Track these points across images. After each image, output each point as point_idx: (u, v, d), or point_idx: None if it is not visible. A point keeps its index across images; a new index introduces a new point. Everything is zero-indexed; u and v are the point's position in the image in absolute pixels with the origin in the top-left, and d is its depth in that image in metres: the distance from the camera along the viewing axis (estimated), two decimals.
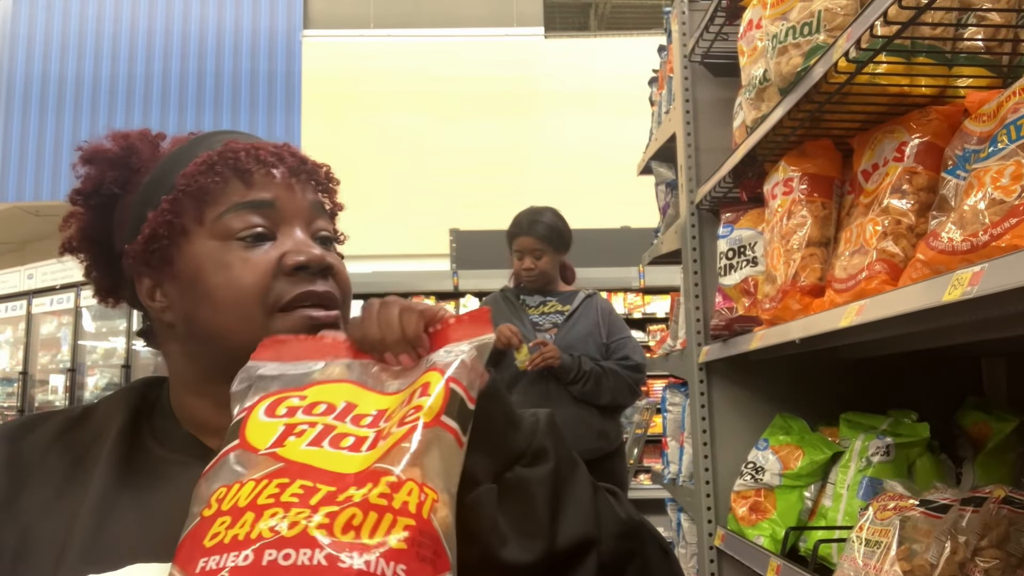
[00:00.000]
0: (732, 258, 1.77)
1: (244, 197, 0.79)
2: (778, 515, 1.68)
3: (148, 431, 0.80)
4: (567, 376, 2.76)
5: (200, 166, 0.78)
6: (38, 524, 0.71)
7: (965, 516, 1.20)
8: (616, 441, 2.93)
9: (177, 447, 0.78)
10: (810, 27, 1.31)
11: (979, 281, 0.82)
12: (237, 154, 0.79)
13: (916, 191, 1.23)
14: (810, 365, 1.89)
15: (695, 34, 2.02)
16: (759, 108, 1.58)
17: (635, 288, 6.73)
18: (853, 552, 1.31)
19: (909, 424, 1.55)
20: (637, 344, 2.98)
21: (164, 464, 0.76)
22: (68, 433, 0.78)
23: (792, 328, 1.40)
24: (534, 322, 2.91)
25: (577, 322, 2.89)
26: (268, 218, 0.79)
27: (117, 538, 0.69)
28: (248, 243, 0.78)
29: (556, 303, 2.96)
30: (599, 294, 3.04)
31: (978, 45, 1.22)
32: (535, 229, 2.89)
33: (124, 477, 0.74)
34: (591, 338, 2.87)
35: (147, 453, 0.77)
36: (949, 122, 1.23)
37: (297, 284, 0.77)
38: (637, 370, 2.88)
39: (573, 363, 2.76)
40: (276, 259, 0.77)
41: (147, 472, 0.75)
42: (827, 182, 1.46)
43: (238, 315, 0.76)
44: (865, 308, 1.09)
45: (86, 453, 0.76)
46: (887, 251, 1.21)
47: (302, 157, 0.84)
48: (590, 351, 2.84)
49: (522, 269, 2.93)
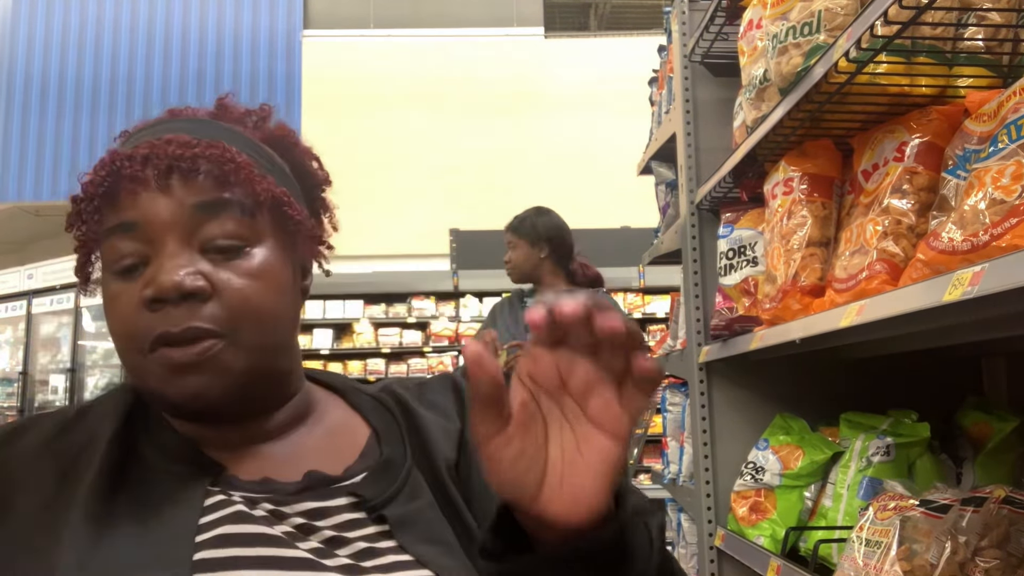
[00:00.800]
0: (732, 258, 1.78)
1: (111, 220, 0.70)
2: (778, 515, 1.68)
3: (143, 435, 0.73)
4: None
5: (88, 181, 0.70)
6: (28, 538, 0.65)
7: (965, 516, 1.20)
8: None
9: (174, 455, 0.72)
10: (810, 27, 1.32)
11: (979, 281, 0.82)
12: (113, 164, 0.69)
13: (916, 191, 1.23)
14: (810, 365, 1.89)
15: (695, 34, 2.02)
16: (759, 108, 1.58)
17: (635, 288, 6.74)
18: (853, 552, 1.31)
19: (909, 424, 1.55)
20: None
21: (160, 475, 0.70)
22: (60, 437, 0.72)
23: (792, 328, 1.40)
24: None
25: None
26: (138, 240, 0.69)
27: (116, 553, 0.64)
28: (119, 276, 0.70)
29: None
30: (602, 292, 3.04)
31: (978, 45, 1.22)
32: (511, 223, 2.95)
33: (118, 488, 0.68)
34: None
35: (142, 461, 0.71)
36: (949, 122, 1.23)
37: (158, 320, 0.67)
38: None
39: None
40: (139, 293, 0.68)
41: (142, 483, 0.69)
42: (827, 182, 1.46)
43: (123, 356, 0.70)
44: (865, 308, 1.09)
45: (77, 459, 0.70)
46: (887, 251, 1.21)
47: (177, 153, 0.69)
48: None
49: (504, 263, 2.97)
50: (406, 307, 6.87)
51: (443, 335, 6.68)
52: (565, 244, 3.02)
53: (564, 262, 3.03)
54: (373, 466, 0.74)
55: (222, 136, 0.73)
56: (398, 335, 6.81)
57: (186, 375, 0.67)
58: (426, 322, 6.82)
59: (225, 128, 0.75)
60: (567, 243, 3.02)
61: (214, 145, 0.70)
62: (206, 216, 0.69)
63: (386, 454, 0.76)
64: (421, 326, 6.86)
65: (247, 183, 0.71)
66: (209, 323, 0.67)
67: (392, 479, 0.73)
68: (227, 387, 0.69)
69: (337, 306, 6.82)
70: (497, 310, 3.07)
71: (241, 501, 0.68)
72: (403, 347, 6.76)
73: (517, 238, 2.93)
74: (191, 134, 0.71)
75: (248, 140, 0.76)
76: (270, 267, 0.72)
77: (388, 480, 0.73)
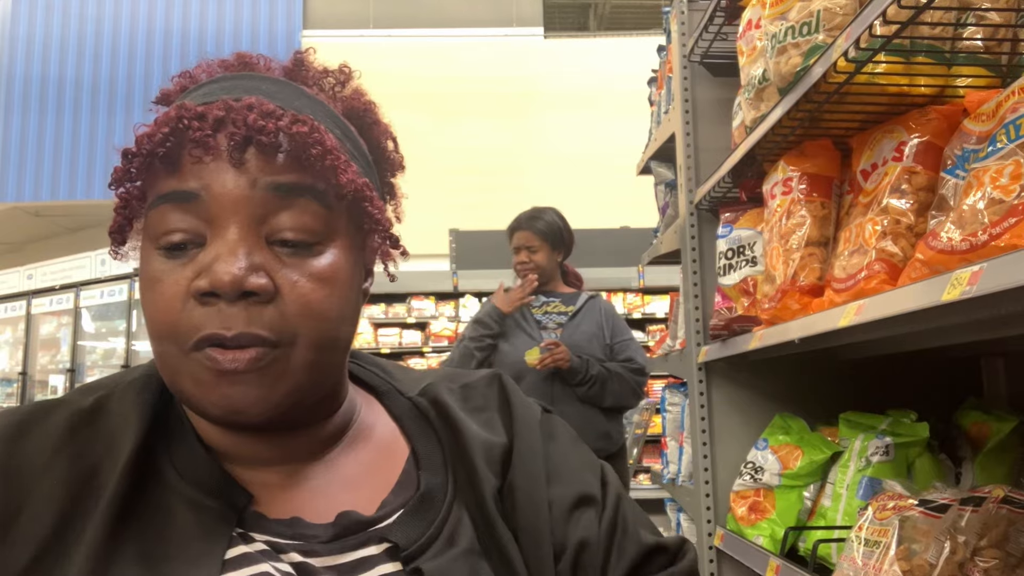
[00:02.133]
0: (731, 258, 1.77)
1: (166, 185, 0.60)
2: (777, 515, 1.68)
3: (164, 449, 0.64)
4: (574, 378, 2.78)
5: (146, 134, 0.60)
6: (34, 562, 0.57)
7: (964, 516, 1.20)
8: (619, 442, 2.95)
9: (195, 477, 0.63)
10: (809, 27, 1.31)
11: (978, 281, 0.82)
12: (180, 120, 0.59)
13: (915, 191, 1.23)
14: (809, 365, 1.90)
15: (694, 34, 2.02)
16: (758, 108, 1.57)
17: (634, 288, 6.73)
18: (852, 552, 1.31)
19: (908, 424, 1.55)
20: (639, 346, 3.00)
21: (176, 501, 0.61)
22: (77, 434, 0.63)
23: (791, 328, 1.40)
24: (538, 320, 2.93)
25: (581, 322, 2.91)
26: (194, 216, 0.59)
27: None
28: (165, 254, 0.60)
29: (559, 303, 2.98)
30: (601, 295, 3.07)
31: (977, 45, 1.22)
32: (533, 224, 2.93)
33: (130, 514, 0.60)
34: (595, 339, 2.89)
35: (162, 483, 0.62)
36: (948, 122, 1.23)
37: (208, 317, 0.58)
38: (640, 373, 2.90)
39: (581, 365, 2.78)
40: (188, 280, 0.59)
41: (156, 508, 0.61)
42: (826, 182, 1.46)
43: (156, 346, 0.60)
44: (864, 308, 1.09)
45: (93, 474, 0.61)
46: (886, 251, 1.21)
47: (259, 124, 0.59)
48: (594, 352, 2.86)
49: (517, 263, 2.96)
50: (405, 307, 6.86)
51: (443, 335, 6.68)
52: (572, 248, 3.05)
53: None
54: (409, 502, 0.66)
55: (307, 107, 0.64)
56: (397, 335, 6.81)
57: (231, 385, 0.58)
58: (426, 322, 6.81)
59: (309, 97, 0.66)
60: (572, 247, 3.05)
61: (302, 120, 0.60)
62: (280, 201, 0.60)
63: (424, 486, 0.67)
64: (421, 326, 6.85)
65: (332, 171, 0.61)
66: (266, 330, 0.59)
67: (430, 520, 0.65)
68: (273, 403, 0.60)
69: None
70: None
71: (265, 558, 0.60)
72: (403, 347, 6.75)
73: (542, 241, 2.94)
74: (272, 99, 0.62)
75: (334, 115, 0.67)
76: (340, 270, 0.63)
77: (425, 521, 0.65)
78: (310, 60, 0.71)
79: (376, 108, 0.75)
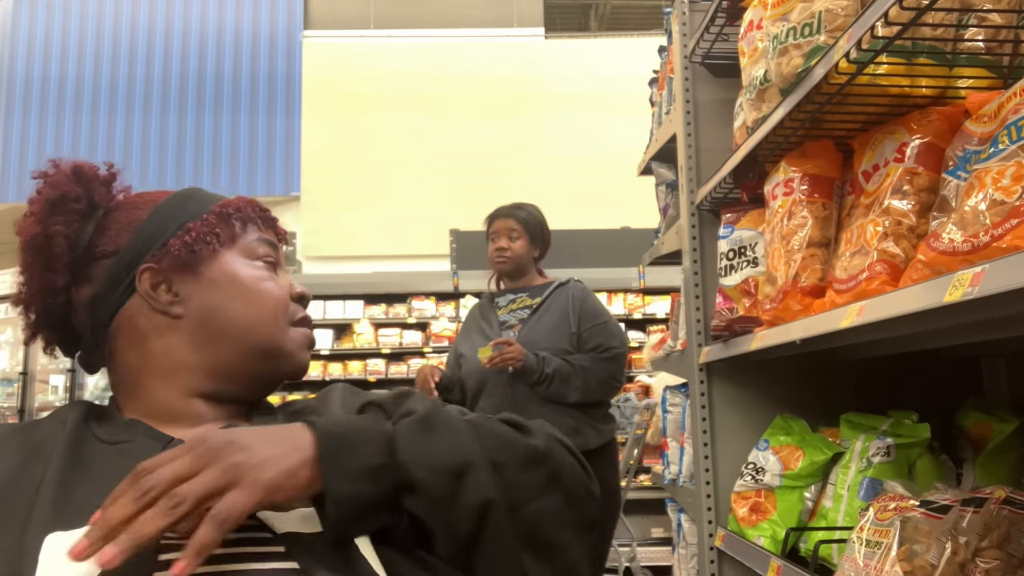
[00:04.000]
0: (733, 259, 1.78)
1: (262, 234, 0.97)
2: (778, 516, 1.68)
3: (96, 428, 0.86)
4: (531, 377, 2.66)
5: (229, 205, 0.95)
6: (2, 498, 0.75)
7: (966, 517, 1.20)
8: (595, 440, 2.74)
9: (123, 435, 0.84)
10: (811, 28, 1.31)
11: (980, 282, 0.82)
12: (252, 205, 0.98)
13: (917, 192, 1.23)
14: (811, 366, 1.90)
15: (696, 35, 2.02)
16: (760, 109, 1.58)
17: (635, 289, 6.74)
18: (854, 553, 1.31)
19: (909, 425, 1.55)
20: (615, 329, 2.83)
21: (116, 445, 0.82)
22: (20, 433, 0.84)
23: (792, 329, 1.40)
24: (502, 321, 2.85)
25: (544, 315, 2.79)
26: (274, 255, 0.97)
27: (80, 504, 0.71)
28: (266, 267, 0.95)
29: (526, 297, 2.87)
30: (575, 281, 2.91)
31: (979, 46, 1.22)
32: (515, 212, 2.86)
33: (80, 459, 0.79)
34: (558, 330, 2.75)
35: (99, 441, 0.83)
36: (950, 123, 1.23)
37: (298, 308, 0.97)
38: (613, 360, 2.75)
39: (536, 365, 2.65)
40: (288, 285, 0.96)
41: (101, 454, 0.81)
42: (828, 183, 1.46)
43: (269, 314, 0.92)
44: (866, 309, 1.09)
45: (42, 444, 0.82)
46: (888, 252, 1.21)
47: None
48: (558, 344, 2.72)
49: (494, 251, 2.87)
50: (406, 307, 6.86)
51: (443, 335, 6.68)
52: (547, 249, 2.98)
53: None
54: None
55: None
56: (398, 336, 6.81)
57: (310, 349, 0.97)
58: (426, 322, 6.82)
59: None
60: (548, 248, 3.00)
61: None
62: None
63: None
64: (421, 326, 6.86)
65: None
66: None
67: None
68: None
69: (337, 306, 6.82)
70: (469, 315, 3.01)
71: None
72: (403, 347, 6.76)
73: (523, 230, 2.86)
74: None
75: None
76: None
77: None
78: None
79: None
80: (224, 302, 0.91)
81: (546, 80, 9.09)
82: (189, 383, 0.89)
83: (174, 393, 0.89)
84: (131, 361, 0.90)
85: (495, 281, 2.99)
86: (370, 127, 8.79)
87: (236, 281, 0.92)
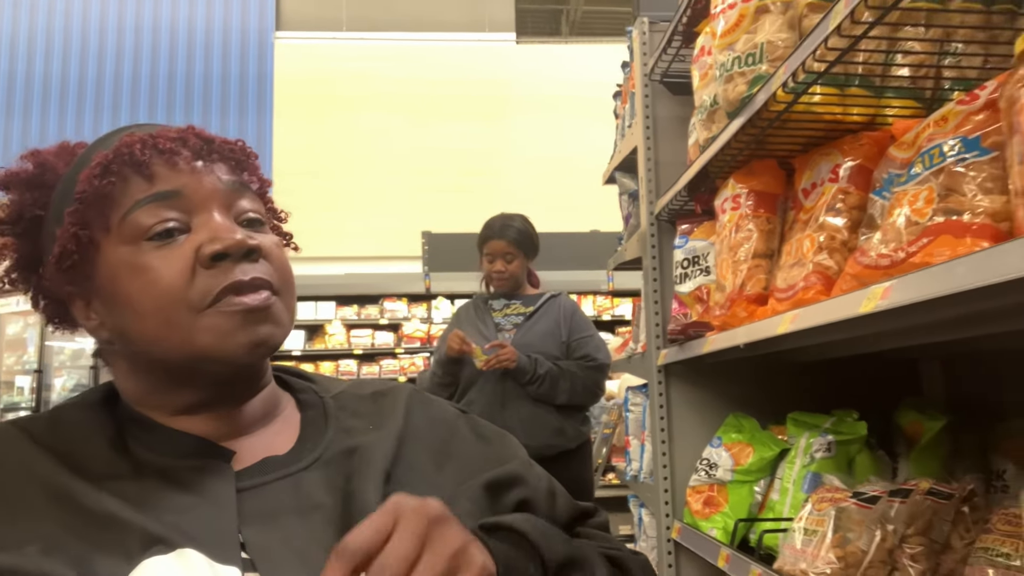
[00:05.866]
0: (687, 267, 1.88)
1: (147, 192, 0.73)
2: (730, 508, 1.76)
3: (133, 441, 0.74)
4: (523, 377, 2.83)
5: (94, 169, 0.72)
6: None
7: (893, 507, 1.30)
8: (575, 440, 2.95)
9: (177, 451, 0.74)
10: (754, 57, 1.42)
11: (888, 295, 0.93)
12: (132, 148, 0.73)
13: (848, 209, 1.34)
14: (761, 368, 1.99)
15: (655, 54, 2.12)
16: (710, 129, 1.68)
17: (604, 291, 6.83)
18: (793, 540, 1.41)
19: (850, 423, 1.65)
20: (601, 343, 3.03)
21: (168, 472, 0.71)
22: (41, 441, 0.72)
23: (738, 334, 1.50)
24: (497, 323, 3.00)
25: (537, 322, 2.97)
26: (178, 209, 0.73)
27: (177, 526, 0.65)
28: (160, 241, 0.72)
29: (520, 305, 3.05)
30: (564, 295, 3.11)
31: (904, 77, 1.33)
32: (507, 233, 2.99)
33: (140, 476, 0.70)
34: (550, 337, 2.94)
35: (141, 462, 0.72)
36: (878, 147, 1.33)
37: (220, 276, 0.71)
38: (598, 370, 2.94)
39: (529, 365, 2.82)
40: (192, 252, 0.71)
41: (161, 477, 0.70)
42: (771, 198, 1.56)
43: (163, 320, 0.70)
44: (798, 317, 1.20)
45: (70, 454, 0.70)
46: (822, 264, 1.32)
47: (209, 137, 0.77)
48: (549, 350, 2.91)
49: (493, 272, 3.02)
50: (378, 309, 6.90)
51: (415, 336, 6.74)
52: (538, 252, 3.14)
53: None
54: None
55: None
56: (370, 336, 6.84)
57: (256, 323, 0.72)
58: (398, 324, 6.85)
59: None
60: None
61: (229, 141, 0.80)
62: (236, 193, 0.77)
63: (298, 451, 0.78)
64: (393, 327, 6.90)
65: (255, 170, 0.82)
66: (268, 276, 0.74)
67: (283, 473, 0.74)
68: (278, 340, 0.74)
69: (309, 307, 6.84)
70: (462, 313, 3.14)
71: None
72: (375, 348, 6.79)
73: (518, 251, 3.01)
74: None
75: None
76: (280, 243, 0.81)
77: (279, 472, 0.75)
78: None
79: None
80: (121, 318, 0.73)
81: (518, 84, 9.17)
82: (159, 408, 0.76)
83: (160, 415, 0.76)
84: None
85: (486, 285, 3.13)
86: (342, 129, 8.80)
87: (119, 289, 0.72)
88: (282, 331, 0.75)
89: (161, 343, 0.71)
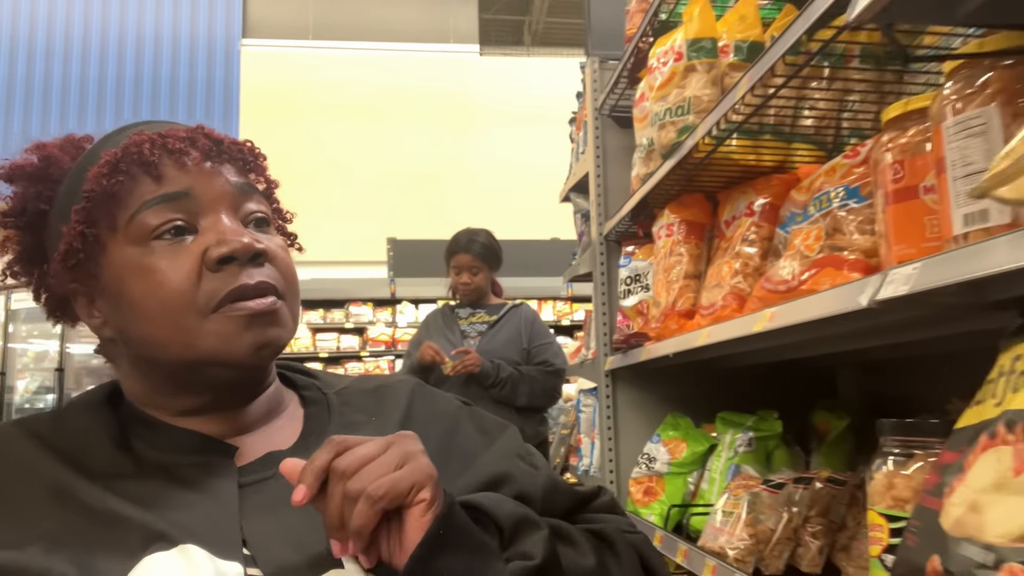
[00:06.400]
0: (630, 284, 2.09)
1: (155, 192, 0.72)
2: (666, 497, 1.95)
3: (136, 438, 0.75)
4: (486, 381, 3.07)
5: (103, 168, 0.72)
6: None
7: (797, 492, 1.51)
8: (534, 439, 3.18)
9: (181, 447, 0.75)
10: (683, 109, 1.65)
11: (774, 318, 1.16)
12: (141, 147, 0.72)
13: (760, 240, 1.57)
14: (697, 373, 2.18)
15: (604, 91, 2.33)
16: (648, 165, 1.90)
17: (564, 297, 7.00)
18: (714, 520, 1.62)
19: (769, 422, 1.86)
20: (559, 350, 3.28)
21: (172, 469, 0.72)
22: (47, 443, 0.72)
23: (669, 344, 1.72)
24: (463, 331, 3.24)
25: (500, 330, 3.22)
26: (185, 210, 0.72)
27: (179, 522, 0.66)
28: (167, 241, 0.72)
29: (484, 314, 3.29)
30: (526, 305, 3.36)
31: (809, 127, 1.56)
32: (472, 248, 3.22)
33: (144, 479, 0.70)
34: (512, 344, 3.19)
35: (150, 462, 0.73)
36: (786, 187, 1.55)
37: (226, 279, 0.71)
38: (556, 374, 3.20)
39: (492, 370, 3.06)
40: (199, 254, 0.71)
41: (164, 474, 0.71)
42: (700, 227, 1.79)
43: (168, 322, 0.70)
44: (712, 332, 1.43)
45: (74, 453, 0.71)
46: (737, 287, 1.55)
47: (218, 138, 0.77)
48: (511, 356, 3.15)
49: (459, 283, 3.25)
50: (344, 313, 6.97)
51: (380, 340, 6.84)
52: (501, 264, 3.38)
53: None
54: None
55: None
56: (336, 340, 6.91)
57: (262, 326, 0.72)
58: (363, 327, 6.94)
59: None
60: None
61: (237, 141, 0.79)
62: (243, 195, 0.77)
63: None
64: (359, 331, 6.97)
65: (263, 171, 0.82)
66: (273, 281, 0.74)
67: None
68: (284, 343, 0.75)
69: None
70: (431, 320, 3.36)
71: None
72: (340, 352, 6.87)
73: (482, 264, 3.24)
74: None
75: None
76: (285, 244, 0.81)
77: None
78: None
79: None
80: (125, 319, 0.73)
81: (480, 95, 9.31)
82: (162, 408, 0.76)
83: (164, 414, 0.76)
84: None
85: (453, 295, 3.36)
86: (308, 136, 8.86)
87: (125, 289, 0.72)
88: (287, 333, 0.75)
89: (165, 345, 0.71)
